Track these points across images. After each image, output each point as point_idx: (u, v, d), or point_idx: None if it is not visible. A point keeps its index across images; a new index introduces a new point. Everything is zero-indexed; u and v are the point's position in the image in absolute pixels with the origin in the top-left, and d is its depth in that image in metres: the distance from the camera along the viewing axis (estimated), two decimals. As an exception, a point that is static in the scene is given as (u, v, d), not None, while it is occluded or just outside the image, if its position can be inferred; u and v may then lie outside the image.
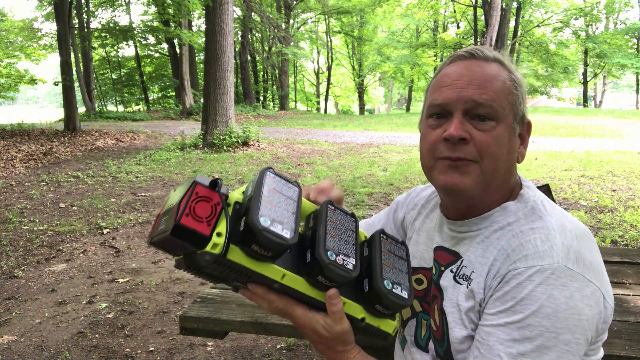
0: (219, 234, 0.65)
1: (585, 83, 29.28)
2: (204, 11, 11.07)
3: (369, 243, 0.82)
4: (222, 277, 0.71)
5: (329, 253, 0.69)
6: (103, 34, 23.00)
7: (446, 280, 0.88)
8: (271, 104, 29.98)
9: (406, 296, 0.76)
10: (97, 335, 2.91)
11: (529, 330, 0.71)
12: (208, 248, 0.64)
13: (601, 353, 0.83)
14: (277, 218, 0.66)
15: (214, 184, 0.67)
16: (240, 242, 0.66)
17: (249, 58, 26.21)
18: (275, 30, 24.97)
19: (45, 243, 4.59)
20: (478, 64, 0.84)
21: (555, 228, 0.77)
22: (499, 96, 0.82)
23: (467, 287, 0.83)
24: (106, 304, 3.32)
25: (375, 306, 0.77)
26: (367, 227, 1.17)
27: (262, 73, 31.79)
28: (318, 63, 38.08)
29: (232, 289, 0.77)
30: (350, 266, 0.70)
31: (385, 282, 0.75)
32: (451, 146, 0.81)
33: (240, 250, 0.66)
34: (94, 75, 23.74)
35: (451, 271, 0.88)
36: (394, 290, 0.75)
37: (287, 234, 0.65)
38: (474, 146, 0.81)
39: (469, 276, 0.84)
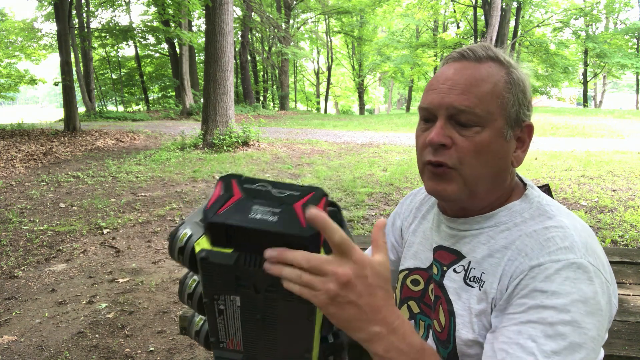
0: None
1: (585, 83, 29.25)
2: (204, 11, 11.07)
3: None
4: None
5: None
6: (103, 34, 22.99)
7: (449, 280, 0.87)
8: (271, 104, 29.97)
9: None
10: (97, 335, 2.91)
11: (561, 326, 0.68)
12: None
13: (602, 354, 0.83)
14: None
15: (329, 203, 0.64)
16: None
17: (249, 58, 26.21)
18: (275, 30, 24.98)
19: (45, 243, 4.59)
20: (468, 65, 0.82)
21: (568, 226, 0.77)
22: (484, 100, 0.79)
23: (480, 289, 0.81)
24: (106, 304, 3.32)
25: None
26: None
27: (262, 73, 31.79)
28: (318, 63, 38.12)
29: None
30: None
31: None
32: (434, 151, 0.81)
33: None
34: (94, 75, 23.71)
35: (454, 271, 0.87)
36: None
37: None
38: (455, 152, 0.80)
39: (480, 278, 0.82)
